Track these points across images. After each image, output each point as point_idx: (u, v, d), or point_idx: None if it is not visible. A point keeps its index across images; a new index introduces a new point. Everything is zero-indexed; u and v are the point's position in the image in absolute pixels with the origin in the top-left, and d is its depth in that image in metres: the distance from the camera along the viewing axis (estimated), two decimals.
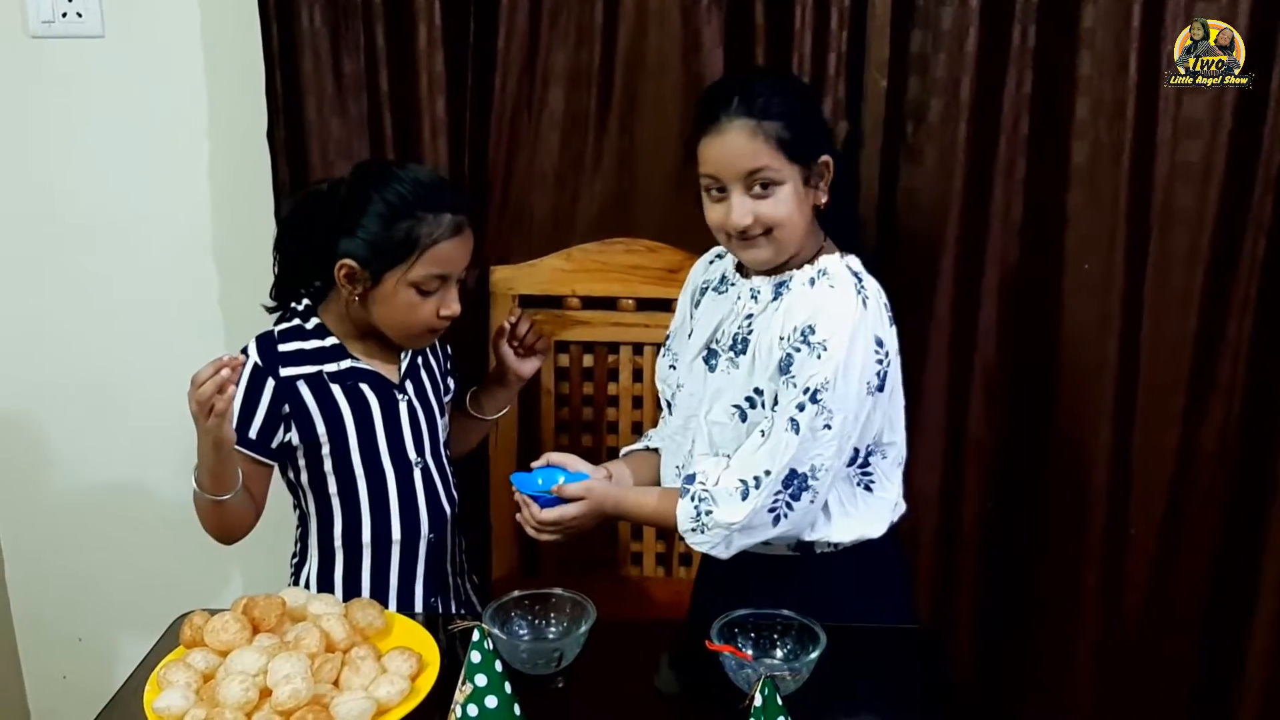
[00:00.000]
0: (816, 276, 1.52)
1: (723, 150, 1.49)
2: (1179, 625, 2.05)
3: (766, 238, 1.51)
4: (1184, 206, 1.86)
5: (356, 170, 1.67)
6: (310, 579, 1.71)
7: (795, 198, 1.49)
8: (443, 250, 1.58)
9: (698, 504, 1.49)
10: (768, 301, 1.55)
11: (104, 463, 2.29)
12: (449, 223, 1.58)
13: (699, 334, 1.64)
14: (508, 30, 1.95)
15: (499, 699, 1.16)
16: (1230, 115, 1.82)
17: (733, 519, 1.46)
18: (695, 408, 1.61)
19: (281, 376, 1.61)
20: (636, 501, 1.59)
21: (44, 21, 2.03)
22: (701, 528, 1.49)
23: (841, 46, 1.88)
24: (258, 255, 2.07)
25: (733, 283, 1.64)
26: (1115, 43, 1.81)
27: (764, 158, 1.47)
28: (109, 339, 2.22)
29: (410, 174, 1.61)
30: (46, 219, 2.16)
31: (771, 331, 1.51)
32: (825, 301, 1.48)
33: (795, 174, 1.49)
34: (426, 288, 1.58)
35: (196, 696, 1.26)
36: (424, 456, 1.72)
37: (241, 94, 2.02)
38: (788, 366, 1.46)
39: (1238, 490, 1.98)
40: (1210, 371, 1.93)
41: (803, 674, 1.31)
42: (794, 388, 1.45)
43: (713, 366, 1.60)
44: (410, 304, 1.59)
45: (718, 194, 1.52)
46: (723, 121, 1.48)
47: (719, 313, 1.62)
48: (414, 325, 1.62)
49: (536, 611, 1.45)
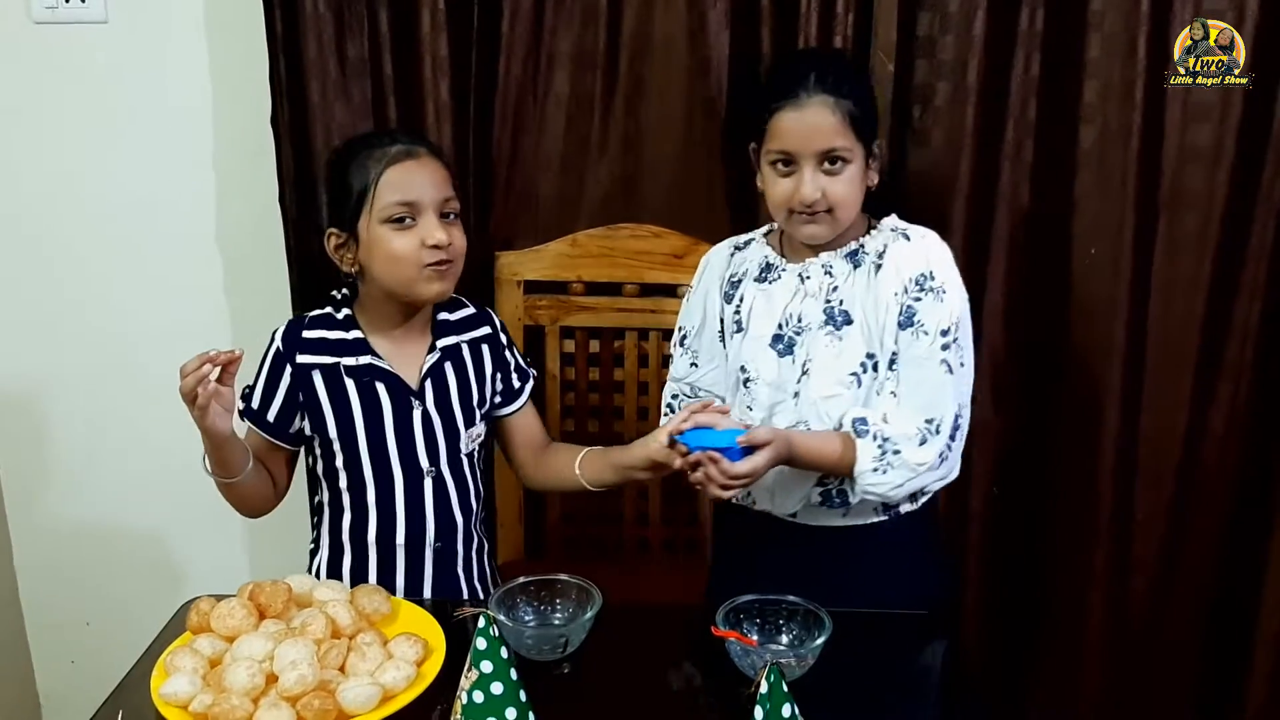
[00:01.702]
0: (897, 233, 1.57)
1: (801, 126, 1.50)
2: (1186, 609, 2.05)
3: (828, 214, 1.53)
4: (1192, 190, 1.86)
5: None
6: (321, 569, 1.70)
7: (858, 177, 1.54)
8: (394, 175, 1.54)
9: (881, 444, 1.50)
10: (850, 272, 1.57)
11: (110, 449, 2.30)
12: (395, 150, 1.56)
13: (760, 324, 1.61)
14: (512, 13, 1.94)
15: (504, 685, 1.16)
16: (1240, 98, 1.81)
17: (922, 459, 1.51)
18: (781, 395, 1.60)
19: (298, 363, 1.61)
20: (806, 444, 1.52)
21: (47, 7, 2.03)
22: (886, 467, 1.50)
23: (848, 29, 1.87)
24: (261, 240, 2.08)
25: (781, 269, 1.63)
26: (1124, 26, 1.80)
27: (840, 136, 1.50)
28: (114, 325, 2.22)
29: (353, 136, 1.63)
30: (50, 204, 2.16)
31: (878, 294, 1.54)
32: (930, 249, 1.55)
33: (860, 154, 1.53)
34: (395, 216, 1.54)
35: (203, 682, 1.26)
36: (437, 466, 1.66)
37: (245, 79, 2.01)
38: (910, 319, 1.52)
39: (1245, 474, 1.98)
40: (1218, 355, 1.92)
41: (808, 660, 1.30)
42: (926, 335, 1.51)
43: (784, 351, 1.59)
44: (389, 244, 1.54)
45: (784, 168, 1.54)
46: (802, 98, 1.50)
47: (778, 299, 1.61)
48: (405, 265, 1.55)
49: (542, 597, 1.45)
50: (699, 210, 2.01)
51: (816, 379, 1.57)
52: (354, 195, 1.56)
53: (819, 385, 1.56)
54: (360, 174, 1.55)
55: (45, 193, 2.15)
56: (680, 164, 2.00)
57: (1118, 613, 2.05)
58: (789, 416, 1.58)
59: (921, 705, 1.36)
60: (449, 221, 1.59)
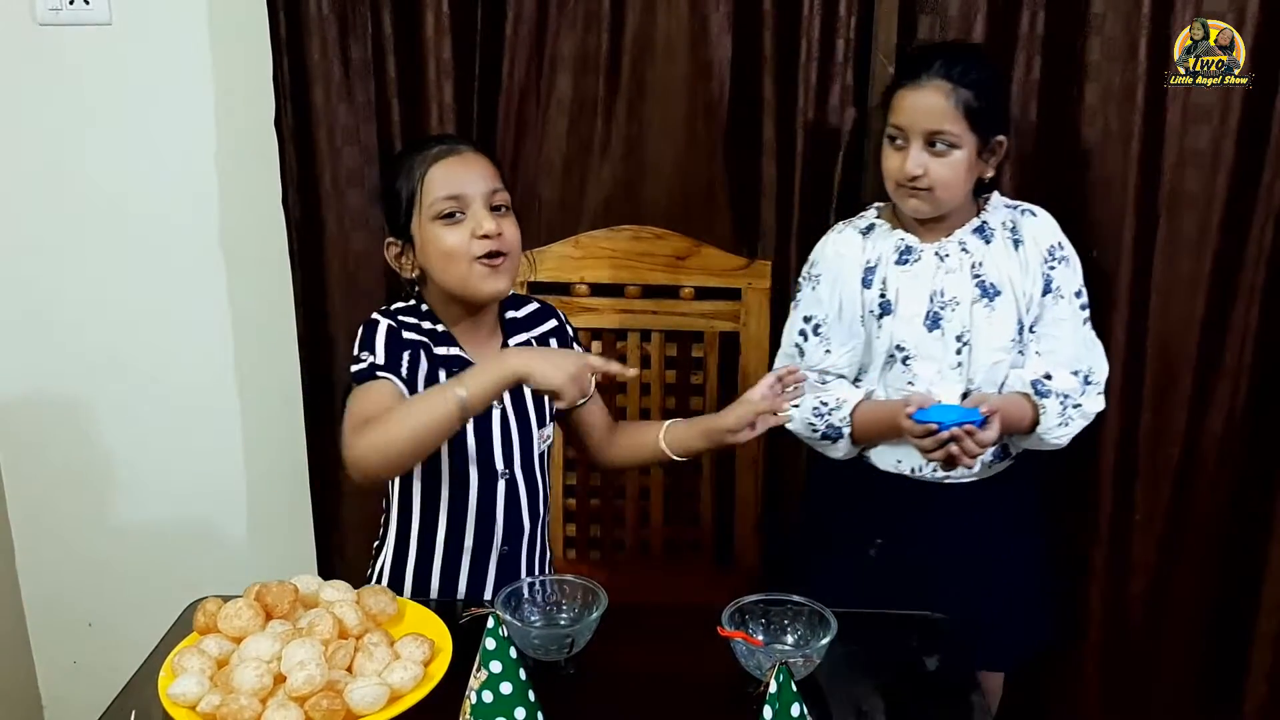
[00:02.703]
0: (1016, 209, 1.73)
1: (915, 104, 1.62)
2: (1184, 609, 2.06)
3: (928, 192, 1.64)
4: (1192, 192, 1.87)
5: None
6: (384, 570, 1.66)
7: (965, 164, 1.63)
8: (439, 172, 1.53)
9: (1062, 400, 1.66)
10: (984, 247, 1.69)
11: (112, 449, 2.30)
12: (437, 150, 1.55)
13: (910, 304, 1.70)
14: (515, 16, 1.95)
15: (513, 685, 1.16)
16: (1239, 101, 1.82)
17: (1094, 408, 1.71)
18: (942, 367, 1.70)
19: (405, 339, 1.55)
20: (1009, 409, 1.64)
21: (51, 9, 2.03)
22: (1068, 420, 1.68)
23: (850, 32, 1.88)
24: (265, 241, 2.09)
25: (920, 250, 1.71)
26: (1125, 29, 1.81)
27: (949, 121, 1.60)
28: (117, 326, 2.22)
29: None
30: (53, 206, 2.16)
31: (1026, 265, 1.69)
32: (1053, 222, 1.72)
33: (972, 143, 1.62)
34: (445, 212, 1.52)
35: (210, 682, 1.26)
36: (511, 469, 1.61)
37: (248, 81, 2.02)
38: (1048, 286, 1.69)
39: (1244, 475, 1.99)
40: (1217, 356, 1.93)
41: (814, 659, 1.31)
42: (1063, 300, 1.69)
43: (932, 326, 1.69)
44: (442, 240, 1.52)
45: (899, 144, 1.64)
46: (922, 79, 1.61)
47: (924, 279, 1.70)
48: (458, 260, 1.52)
49: (548, 598, 1.45)
50: (701, 212, 2.02)
51: (979, 350, 1.68)
52: (404, 199, 1.54)
53: (983, 355, 1.68)
54: (407, 178, 1.54)
55: (48, 194, 2.15)
56: (682, 166, 2.01)
57: (1117, 612, 2.06)
58: (957, 386, 1.69)
59: (925, 704, 1.36)
60: (500, 214, 1.56)
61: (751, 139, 1.97)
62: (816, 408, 1.74)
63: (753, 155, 1.98)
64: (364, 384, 1.50)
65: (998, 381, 1.69)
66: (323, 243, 2.04)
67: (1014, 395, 1.67)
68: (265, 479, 2.30)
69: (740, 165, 2.00)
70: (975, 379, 1.69)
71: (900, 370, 1.71)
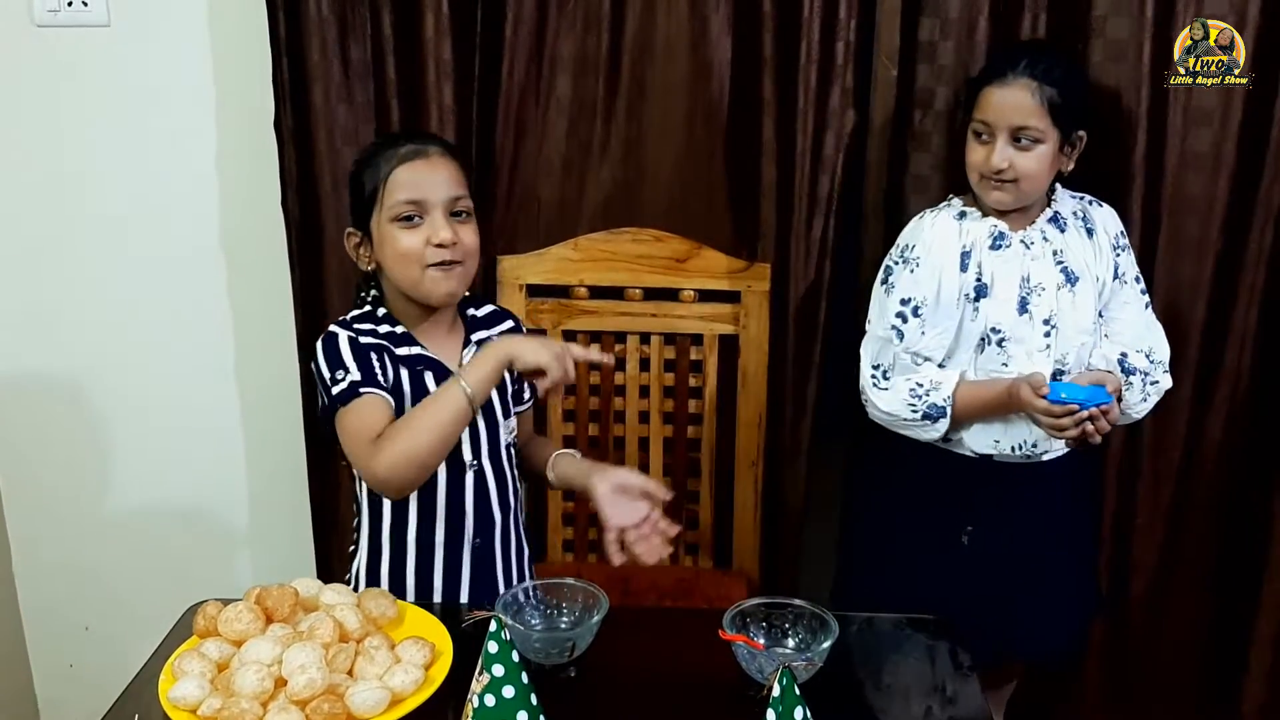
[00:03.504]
0: (1082, 200, 1.81)
1: (1002, 101, 1.68)
2: (1185, 611, 2.06)
3: (1013, 184, 1.70)
4: (1193, 195, 1.87)
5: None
6: (360, 573, 1.67)
7: (1049, 158, 1.70)
8: (402, 175, 1.55)
9: (1143, 377, 1.76)
10: (1059, 236, 1.76)
11: (110, 450, 2.29)
12: (405, 150, 1.56)
13: (1004, 289, 1.75)
14: (515, 17, 1.94)
15: (516, 689, 1.16)
16: (1240, 104, 1.82)
17: (1168, 384, 1.79)
18: (1032, 348, 1.75)
19: (362, 344, 1.56)
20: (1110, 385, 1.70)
21: (50, 10, 2.02)
22: (1148, 395, 1.78)
23: (850, 35, 1.88)
24: (265, 243, 2.08)
25: (1008, 237, 1.76)
26: (1127, 31, 1.81)
27: (1034, 117, 1.67)
28: (116, 329, 2.21)
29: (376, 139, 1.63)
30: (52, 208, 2.15)
31: (1095, 250, 1.77)
32: (1113, 211, 1.81)
33: (1055, 138, 1.69)
34: (403, 215, 1.54)
35: (211, 686, 1.26)
36: (479, 459, 1.63)
37: (248, 82, 2.01)
38: (1116, 271, 1.78)
39: (1243, 478, 1.99)
40: (1217, 359, 1.94)
41: (815, 663, 1.31)
42: (1128, 285, 1.79)
43: (1021, 309, 1.75)
44: (397, 242, 1.55)
45: (985, 139, 1.71)
46: (1009, 77, 1.68)
47: (1014, 264, 1.75)
48: (411, 264, 1.55)
49: (548, 601, 1.45)
50: (700, 214, 2.02)
51: (1066, 332, 1.75)
52: (367, 197, 1.57)
53: (1070, 336, 1.75)
54: (372, 174, 1.57)
55: (47, 196, 2.15)
56: (682, 168, 2.01)
57: (1118, 613, 2.06)
58: (1046, 367, 1.74)
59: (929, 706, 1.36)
60: (459, 220, 1.57)
61: (751, 141, 1.97)
62: (914, 389, 1.76)
63: (752, 157, 1.97)
64: (350, 403, 1.52)
65: (1084, 362, 1.77)
66: (322, 243, 2.03)
67: (1100, 372, 1.74)
68: (265, 481, 2.30)
69: (740, 167, 2.00)
70: (1065, 360, 1.75)
71: (995, 352, 1.76)
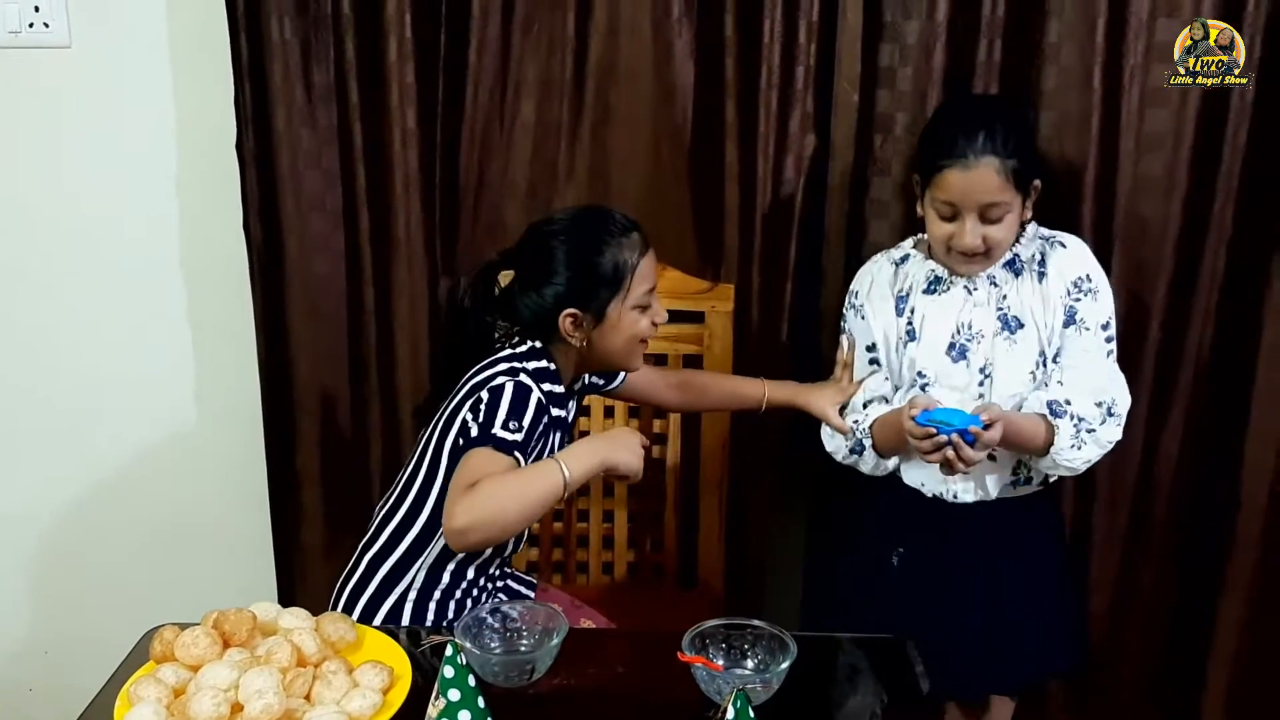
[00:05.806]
0: (1050, 242, 1.74)
1: (968, 185, 1.63)
2: (1143, 629, 2.09)
3: (985, 255, 1.69)
4: (1146, 218, 1.90)
5: (529, 231, 1.71)
6: (408, 604, 1.68)
7: (1016, 219, 1.68)
8: (646, 265, 1.65)
9: (1076, 423, 1.66)
10: (1012, 280, 1.73)
11: (68, 474, 2.28)
12: (639, 239, 1.65)
13: (935, 333, 1.74)
14: (479, 41, 1.95)
15: (472, 713, 1.16)
16: (1191, 128, 1.85)
17: (1111, 437, 1.69)
18: (965, 396, 1.73)
19: (542, 406, 1.61)
20: (1019, 423, 1.67)
21: (10, 32, 2.01)
22: (1080, 444, 1.67)
23: (810, 60, 1.90)
24: (225, 265, 2.08)
25: (950, 281, 1.75)
26: (1079, 56, 1.84)
27: (1003, 193, 1.63)
28: (76, 349, 2.20)
29: (576, 213, 1.71)
30: (13, 229, 2.14)
31: (1046, 299, 1.71)
32: (1085, 254, 1.74)
33: (1019, 201, 1.67)
34: (644, 304, 1.66)
35: (167, 712, 1.25)
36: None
37: (210, 104, 2.01)
38: (1072, 318, 1.71)
39: (1198, 495, 2.01)
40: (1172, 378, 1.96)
41: (773, 684, 1.31)
42: (1087, 331, 1.71)
43: (957, 357, 1.73)
44: (637, 326, 1.67)
45: (947, 215, 1.67)
46: (970, 159, 1.62)
47: (950, 309, 1.74)
48: (636, 343, 1.69)
49: (508, 623, 1.45)
50: (666, 237, 2.02)
51: (1001, 380, 1.72)
52: (607, 282, 1.63)
53: (1004, 385, 1.72)
54: (614, 262, 1.63)
55: (5, 216, 2.13)
56: (647, 191, 2.02)
57: None
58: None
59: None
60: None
61: (715, 164, 1.98)
62: (852, 427, 1.81)
63: (716, 180, 1.99)
64: (498, 451, 1.53)
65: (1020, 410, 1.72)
66: (284, 266, 2.03)
67: (1030, 414, 1.70)
68: (225, 503, 2.29)
69: (704, 189, 2.01)
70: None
71: (920, 398, 1.72)
